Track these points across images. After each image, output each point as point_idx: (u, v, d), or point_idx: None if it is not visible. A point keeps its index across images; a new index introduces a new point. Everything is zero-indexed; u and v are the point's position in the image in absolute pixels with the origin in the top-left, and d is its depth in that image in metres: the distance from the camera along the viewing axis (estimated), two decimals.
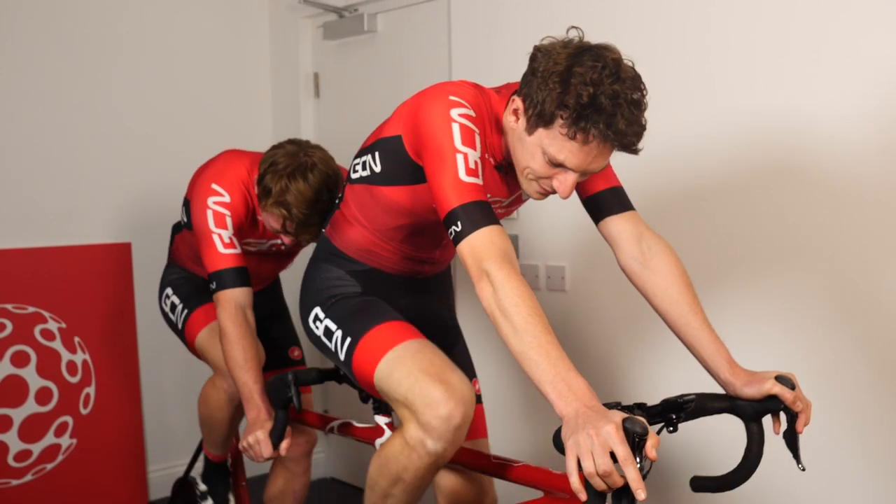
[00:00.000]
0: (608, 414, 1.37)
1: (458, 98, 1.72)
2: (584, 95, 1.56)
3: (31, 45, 3.46)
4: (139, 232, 3.70)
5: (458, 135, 1.67)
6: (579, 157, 1.64)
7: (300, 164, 2.36)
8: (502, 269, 1.56)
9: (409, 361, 1.80)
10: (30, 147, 3.47)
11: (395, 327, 1.89)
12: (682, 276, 1.86)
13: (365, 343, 1.88)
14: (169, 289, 2.83)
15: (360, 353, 1.88)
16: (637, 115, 1.61)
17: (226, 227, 2.43)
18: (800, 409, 1.70)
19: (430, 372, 1.76)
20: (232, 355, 2.35)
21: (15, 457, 3.37)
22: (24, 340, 3.39)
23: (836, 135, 2.38)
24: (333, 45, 3.93)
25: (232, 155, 2.60)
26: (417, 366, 1.78)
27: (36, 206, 3.49)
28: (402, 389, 1.77)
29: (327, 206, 2.36)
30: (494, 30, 3.20)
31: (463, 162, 1.65)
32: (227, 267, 2.40)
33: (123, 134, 3.70)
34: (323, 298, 2.05)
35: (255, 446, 2.24)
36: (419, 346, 1.84)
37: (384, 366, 1.82)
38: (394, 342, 1.85)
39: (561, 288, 3.08)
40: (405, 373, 1.78)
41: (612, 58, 1.61)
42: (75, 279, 3.54)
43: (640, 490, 1.32)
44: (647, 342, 2.82)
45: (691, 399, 1.68)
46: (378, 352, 1.84)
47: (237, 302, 2.38)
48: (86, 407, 3.55)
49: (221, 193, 2.45)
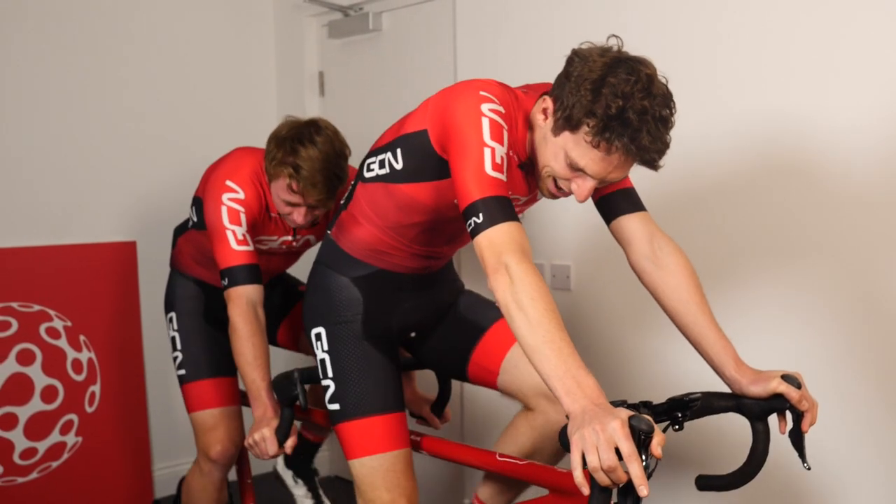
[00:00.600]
0: (614, 411, 1.38)
1: (488, 94, 1.73)
2: (613, 107, 1.57)
3: (38, 45, 3.46)
4: (145, 231, 3.70)
5: (488, 129, 1.68)
6: (600, 165, 1.65)
7: (305, 128, 2.41)
8: (521, 263, 1.57)
9: (380, 477, 2.00)
10: (36, 145, 3.47)
11: (380, 428, 2.02)
12: (693, 276, 1.88)
13: (349, 428, 2.03)
14: (173, 315, 2.82)
15: (343, 432, 2.04)
16: (662, 132, 1.62)
17: (240, 224, 2.43)
18: (805, 408, 1.70)
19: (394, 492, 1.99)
20: (241, 352, 2.36)
21: (20, 455, 3.38)
22: (29, 339, 3.40)
23: (841, 135, 2.37)
24: (338, 43, 3.93)
25: (244, 152, 2.61)
26: (385, 484, 2.00)
27: (42, 204, 3.49)
28: (366, 493, 2.02)
29: (335, 172, 2.39)
30: (499, 28, 3.20)
31: (490, 156, 1.66)
32: (240, 263, 2.40)
33: (129, 133, 3.70)
34: (327, 317, 2.10)
35: (261, 443, 2.25)
36: (393, 462, 2.01)
37: (358, 465, 2.02)
38: (373, 448, 2.01)
39: (566, 287, 3.08)
40: (373, 485, 2.00)
41: (647, 73, 1.62)
42: (81, 278, 3.54)
43: (643, 486, 1.32)
44: (651, 341, 2.82)
45: (697, 398, 1.68)
46: (357, 448, 2.02)
47: (249, 299, 2.39)
48: (91, 405, 3.56)
49: (236, 190, 2.46)
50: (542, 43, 3.01)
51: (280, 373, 2.21)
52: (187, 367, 2.75)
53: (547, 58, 1.95)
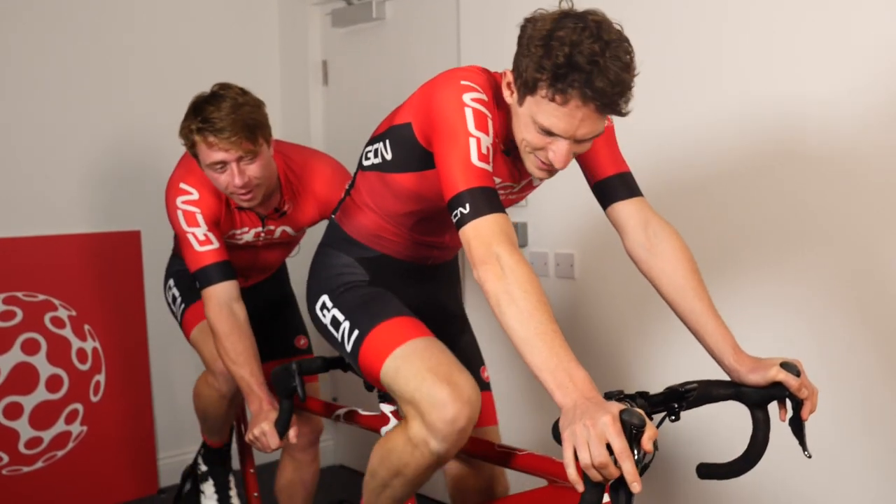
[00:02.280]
0: (606, 405, 1.36)
1: (470, 83, 1.70)
2: (561, 56, 1.53)
3: (44, 36, 3.47)
4: (148, 220, 3.71)
5: (472, 119, 1.65)
6: (564, 121, 1.60)
7: (206, 94, 2.41)
8: (513, 255, 1.54)
9: (417, 360, 1.78)
10: (40, 136, 3.48)
11: (403, 323, 1.88)
12: (689, 262, 1.84)
13: (372, 338, 1.87)
14: (171, 280, 2.82)
15: (367, 347, 1.87)
16: (618, 73, 1.56)
17: (198, 225, 2.41)
18: (805, 395, 1.68)
19: (438, 372, 1.74)
20: (223, 352, 2.35)
21: (26, 444, 3.39)
22: (34, 328, 3.41)
23: (845, 120, 2.35)
24: (342, 32, 3.92)
25: None
26: (425, 365, 1.76)
27: (46, 194, 3.50)
28: (409, 388, 1.76)
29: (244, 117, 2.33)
30: (503, 17, 3.17)
31: (476, 146, 1.63)
32: (207, 263, 2.39)
33: (132, 122, 3.70)
34: (331, 286, 2.04)
35: (262, 438, 2.24)
36: (426, 344, 1.83)
37: (391, 363, 1.81)
38: (402, 339, 1.83)
39: (570, 275, 3.06)
40: (412, 372, 1.77)
41: (594, 19, 1.58)
42: (85, 267, 3.55)
43: (636, 483, 1.30)
44: (655, 330, 2.81)
45: (694, 387, 1.66)
46: (385, 348, 1.83)
47: (220, 298, 2.37)
48: (96, 394, 3.57)
49: (189, 191, 2.44)
50: None
51: (279, 366, 2.20)
52: (185, 298, 2.72)
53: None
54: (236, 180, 2.35)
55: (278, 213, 2.57)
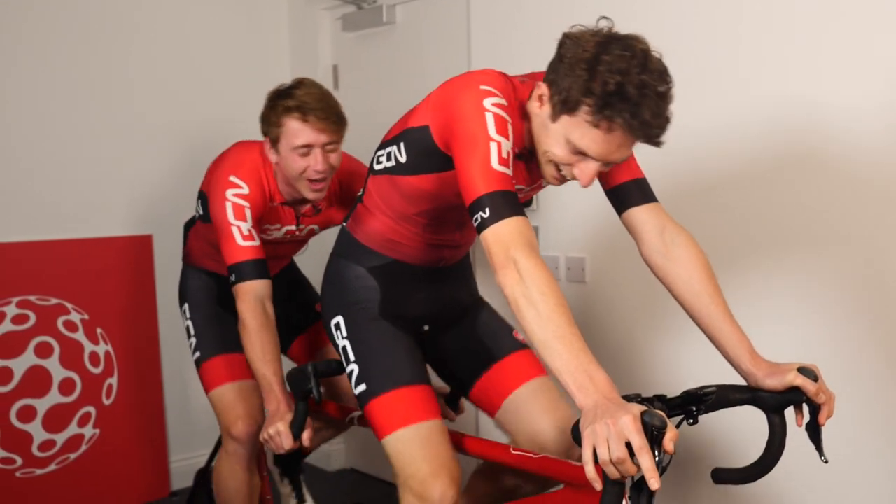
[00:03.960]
0: (626, 406, 1.37)
1: (489, 87, 1.71)
2: (611, 84, 1.55)
3: (53, 40, 3.48)
4: (160, 224, 3.72)
5: (493, 124, 1.66)
6: (602, 146, 1.63)
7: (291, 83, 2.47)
8: (530, 258, 1.56)
9: (416, 448, 1.91)
10: (51, 140, 3.49)
11: (410, 399, 1.96)
12: (705, 267, 1.85)
13: (378, 404, 1.97)
14: (187, 305, 2.82)
15: (372, 409, 1.98)
16: (663, 107, 1.59)
17: (245, 220, 2.43)
18: (822, 400, 1.69)
19: (433, 463, 1.89)
20: (251, 347, 2.36)
21: (39, 447, 3.40)
22: (47, 332, 3.43)
23: (860, 124, 2.35)
24: (352, 36, 3.93)
25: (244, 145, 2.61)
26: (422, 455, 1.90)
27: (58, 198, 3.51)
28: (405, 470, 1.91)
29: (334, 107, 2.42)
30: (514, 21, 3.19)
31: (496, 150, 1.64)
32: (247, 259, 2.40)
33: (144, 127, 3.71)
34: (346, 305, 2.09)
35: (276, 437, 2.25)
36: (428, 432, 1.93)
37: (393, 440, 1.94)
38: (406, 420, 1.93)
39: (581, 279, 3.07)
40: (410, 458, 1.91)
41: (641, 48, 1.60)
42: (97, 271, 3.56)
43: (654, 479, 1.31)
44: (667, 334, 2.81)
45: (712, 391, 1.67)
46: (390, 423, 1.95)
47: (256, 294, 2.39)
48: (108, 397, 3.58)
49: (240, 185, 2.46)
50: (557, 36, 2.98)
51: (294, 367, 2.21)
52: (202, 349, 2.75)
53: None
54: (319, 165, 2.41)
55: (315, 211, 2.62)
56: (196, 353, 2.76)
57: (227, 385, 2.69)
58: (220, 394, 2.69)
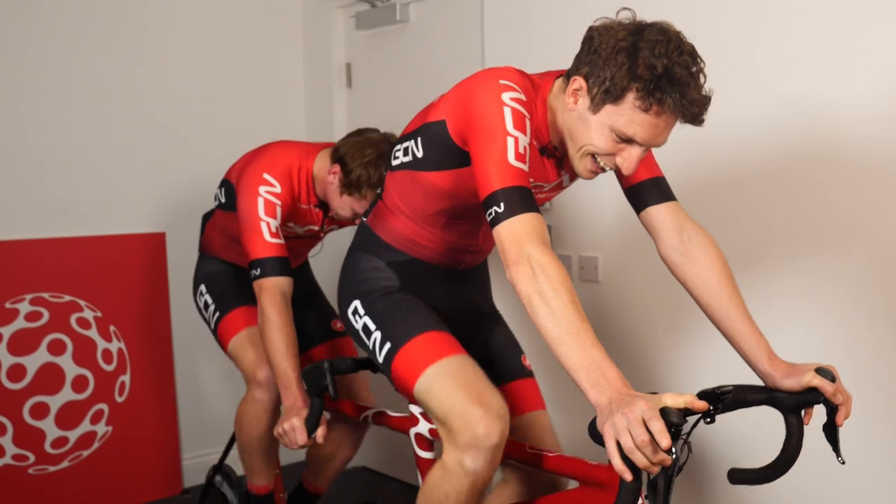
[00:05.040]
0: (639, 394, 1.39)
1: (509, 82, 1.71)
2: (659, 66, 1.57)
3: (67, 40, 3.48)
4: (174, 222, 3.73)
5: (511, 118, 1.66)
6: (650, 130, 1.63)
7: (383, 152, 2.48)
8: (544, 255, 1.56)
9: (450, 380, 1.82)
10: (65, 138, 3.50)
11: (436, 339, 1.91)
12: (723, 266, 1.85)
13: (405, 353, 1.90)
14: (203, 285, 2.84)
15: (399, 362, 1.90)
16: (703, 85, 1.62)
17: (275, 217, 2.46)
18: (840, 401, 1.67)
19: (470, 392, 1.79)
20: (274, 342, 2.37)
21: (52, 444, 3.41)
22: (60, 329, 3.44)
23: (876, 122, 2.34)
24: (366, 35, 3.93)
25: (283, 146, 2.63)
26: (458, 384, 1.81)
27: (72, 196, 3.52)
28: (442, 408, 1.81)
29: None
30: (528, 19, 3.18)
31: (513, 145, 1.64)
32: (273, 255, 2.42)
33: (157, 125, 3.72)
34: (363, 291, 2.06)
35: (291, 433, 2.27)
36: (459, 363, 1.86)
37: (424, 381, 1.85)
38: (435, 357, 1.86)
39: (594, 278, 3.06)
40: (445, 391, 1.81)
41: (674, 31, 1.62)
42: (111, 268, 3.57)
43: (665, 439, 1.32)
44: (681, 333, 2.80)
45: (729, 390, 1.66)
46: (418, 365, 1.86)
47: (281, 289, 2.41)
48: (121, 395, 3.59)
49: (273, 184, 2.49)
50: (572, 34, 2.94)
51: (310, 364, 2.22)
52: (219, 306, 2.76)
53: (576, 49, 1.93)
54: (361, 209, 2.51)
55: None
56: (215, 315, 2.76)
57: (249, 329, 2.68)
58: (241, 339, 2.69)
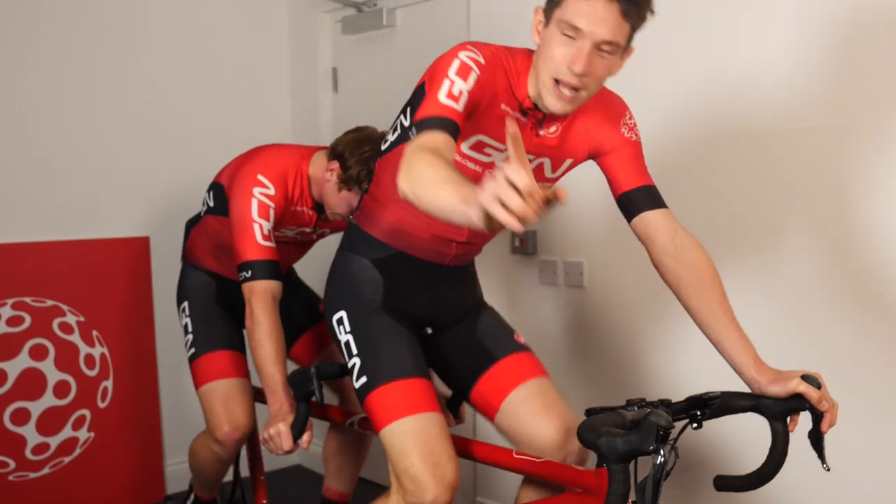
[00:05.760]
0: None
1: (472, 47, 1.81)
2: None
3: (52, 43, 3.47)
4: (158, 226, 3.71)
5: (456, 67, 1.75)
6: (591, 17, 1.68)
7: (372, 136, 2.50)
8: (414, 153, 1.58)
9: (411, 441, 1.89)
10: (50, 141, 3.48)
11: (410, 390, 1.95)
12: (713, 274, 1.87)
13: (378, 395, 1.96)
14: (186, 303, 2.81)
15: (371, 401, 1.97)
16: None
17: (268, 219, 2.45)
18: (825, 408, 1.70)
19: (428, 459, 1.86)
20: (263, 345, 2.35)
21: (33, 450, 3.38)
22: (42, 334, 3.41)
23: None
24: (352, 39, 3.93)
25: (278, 148, 2.63)
26: (418, 446, 1.87)
27: (56, 199, 3.50)
28: (399, 464, 1.89)
29: None
30: (513, 25, 3.18)
31: (448, 86, 1.73)
32: (265, 258, 2.40)
33: (142, 128, 3.70)
34: (348, 300, 2.09)
35: (276, 438, 2.25)
36: (425, 424, 1.91)
37: (389, 432, 1.92)
38: (404, 411, 1.92)
39: (579, 284, 3.06)
40: (406, 450, 1.88)
41: None
42: (94, 273, 3.55)
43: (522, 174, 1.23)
44: (667, 338, 2.80)
45: (716, 396, 1.67)
46: (388, 413, 1.93)
47: (272, 293, 2.39)
48: (103, 400, 3.56)
49: (267, 185, 2.47)
50: None
51: (297, 368, 2.21)
52: (197, 344, 2.73)
53: None
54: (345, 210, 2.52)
55: None
56: (191, 350, 2.74)
57: (220, 381, 2.67)
58: (212, 390, 2.67)
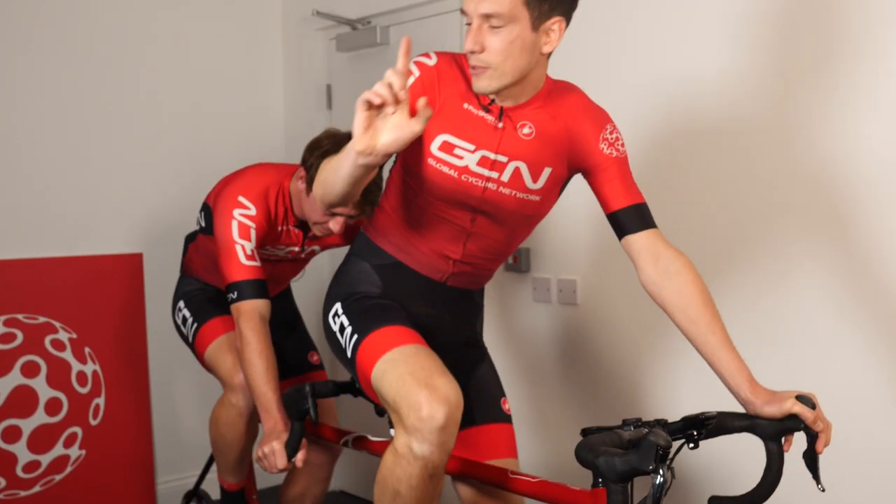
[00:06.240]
0: None
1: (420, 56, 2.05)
2: None
3: (46, 59, 3.47)
4: (151, 243, 3.70)
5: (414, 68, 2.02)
6: None
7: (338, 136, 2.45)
8: None
9: (402, 365, 1.83)
10: (43, 158, 3.47)
11: (397, 331, 1.93)
12: (701, 293, 1.85)
13: (368, 342, 1.92)
14: (181, 301, 2.84)
15: (362, 351, 1.93)
16: None
17: (249, 240, 2.46)
18: (820, 428, 1.70)
19: (419, 376, 1.79)
20: (254, 365, 2.35)
21: (23, 468, 3.36)
22: (34, 350, 3.39)
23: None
24: (346, 57, 3.94)
25: (259, 169, 2.63)
26: (408, 370, 1.81)
27: (48, 216, 3.49)
28: (391, 392, 1.81)
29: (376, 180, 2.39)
30: None
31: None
32: (250, 278, 2.41)
33: (136, 145, 3.70)
34: (345, 294, 2.09)
35: (270, 456, 2.25)
36: (414, 350, 1.87)
37: (380, 367, 1.87)
38: (392, 345, 1.88)
39: (572, 301, 3.07)
40: (396, 376, 1.82)
41: None
42: (87, 289, 3.54)
43: None
44: (661, 356, 2.81)
45: (713, 416, 1.68)
46: (377, 353, 1.89)
47: (260, 312, 2.40)
48: (95, 418, 3.55)
49: (248, 206, 2.49)
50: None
51: (291, 387, 2.20)
52: (197, 318, 2.75)
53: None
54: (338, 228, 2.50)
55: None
56: (193, 328, 2.75)
57: (226, 335, 2.67)
58: (218, 345, 2.67)
